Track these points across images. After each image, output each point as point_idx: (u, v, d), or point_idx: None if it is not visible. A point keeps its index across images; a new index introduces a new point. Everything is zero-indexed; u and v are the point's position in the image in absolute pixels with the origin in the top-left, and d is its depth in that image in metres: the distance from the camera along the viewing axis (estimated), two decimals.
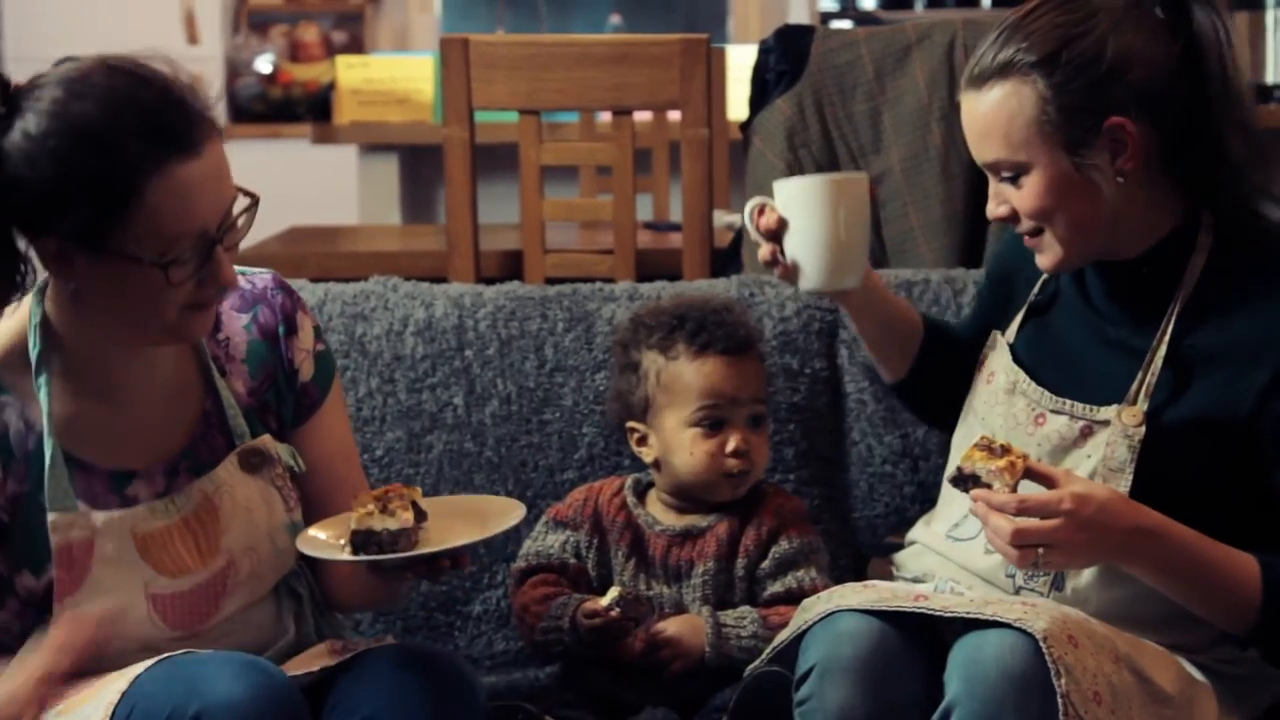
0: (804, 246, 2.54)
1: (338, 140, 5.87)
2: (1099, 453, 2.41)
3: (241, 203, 2.26)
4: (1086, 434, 2.43)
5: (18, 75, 2.24)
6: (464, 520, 2.35)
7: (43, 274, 2.29)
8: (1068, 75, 2.35)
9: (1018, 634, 2.20)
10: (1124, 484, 2.38)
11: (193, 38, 7.60)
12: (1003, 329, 2.60)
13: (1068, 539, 2.27)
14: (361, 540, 2.25)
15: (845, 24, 8.04)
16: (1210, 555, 2.34)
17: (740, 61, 5.24)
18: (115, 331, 2.28)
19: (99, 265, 2.19)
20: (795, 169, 3.76)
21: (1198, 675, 2.39)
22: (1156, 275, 2.44)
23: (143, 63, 2.21)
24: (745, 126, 3.87)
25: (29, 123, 2.16)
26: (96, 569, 2.28)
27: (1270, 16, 5.72)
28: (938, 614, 2.27)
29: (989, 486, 2.28)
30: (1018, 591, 2.45)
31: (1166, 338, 2.41)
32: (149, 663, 2.21)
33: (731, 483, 2.69)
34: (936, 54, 3.73)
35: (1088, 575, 2.41)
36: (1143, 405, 2.40)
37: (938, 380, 2.72)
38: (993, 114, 2.39)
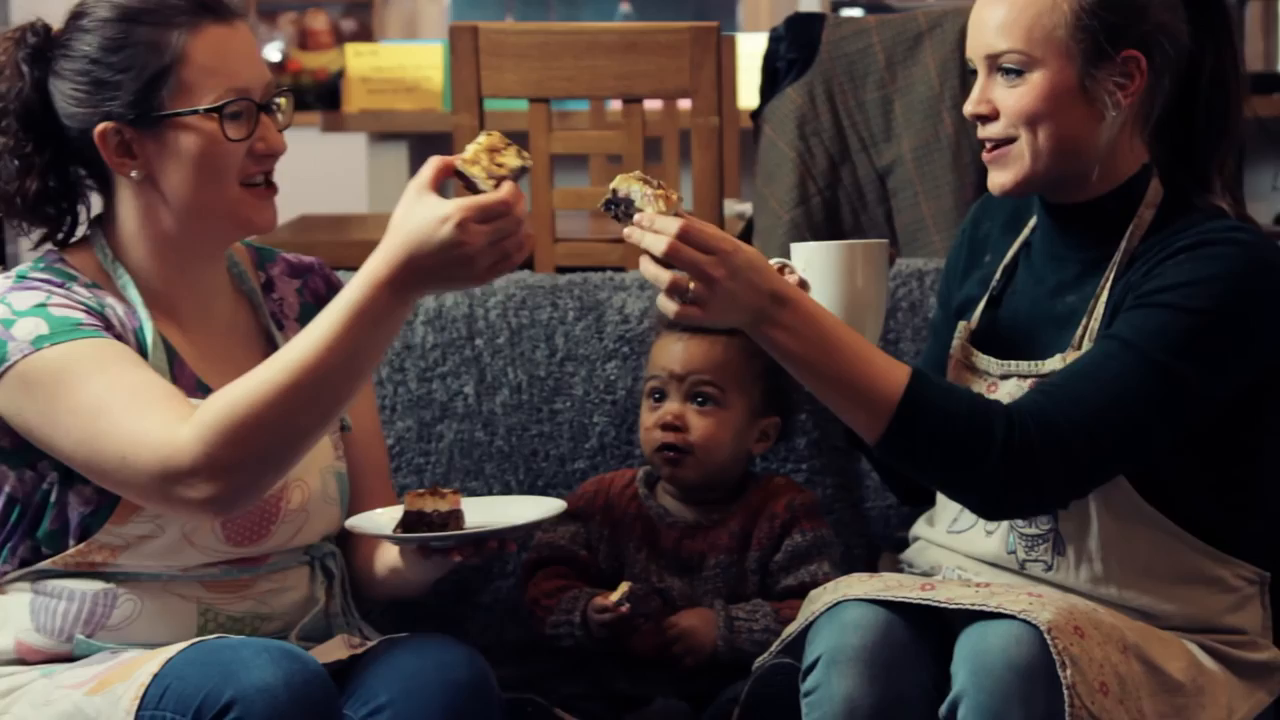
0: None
1: (347, 128, 5.88)
2: None
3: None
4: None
5: None
6: (506, 512, 2.42)
7: (96, 211, 2.47)
8: None
9: (1023, 625, 2.19)
10: None
11: None
12: (969, 320, 2.60)
13: (718, 276, 2.22)
14: (413, 521, 2.32)
15: (856, 12, 8.03)
16: (850, 342, 2.31)
17: (750, 49, 5.24)
18: (181, 223, 2.38)
19: (159, 139, 2.34)
20: (806, 158, 3.76)
21: (1209, 662, 2.38)
22: (1103, 224, 2.46)
23: None
24: (756, 115, 3.87)
25: (85, 28, 2.36)
26: None
27: None
28: (943, 605, 2.27)
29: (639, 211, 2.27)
30: (1022, 566, 2.45)
31: (1109, 286, 2.43)
32: (181, 645, 2.24)
33: (663, 458, 2.68)
34: (948, 42, 3.72)
35: (1091, 537, 2.41)
36: (1086, 349, 2.41)
37: None
38: (1024, 5, 2.39)
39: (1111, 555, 2.41)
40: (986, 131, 2.44)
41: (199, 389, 2.38)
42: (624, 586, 2.59)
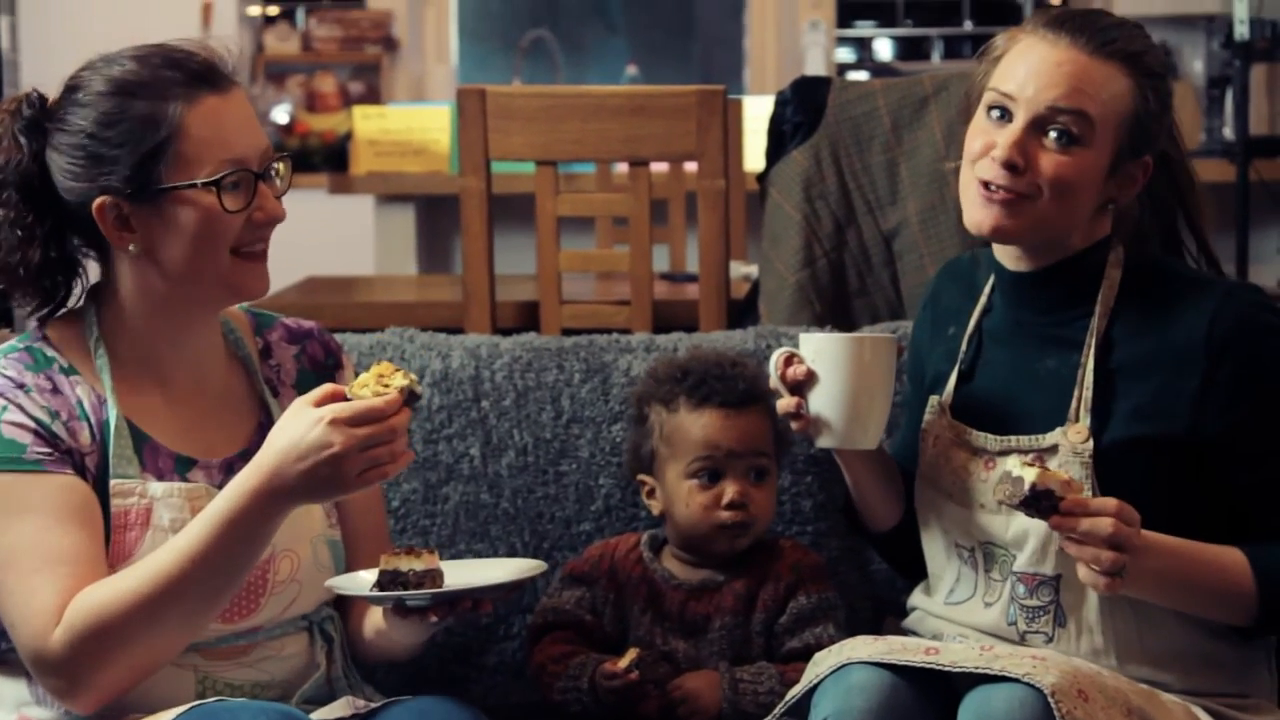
0: (831, 405, 2.49)
1: (354, 190, 5.89)
2: None
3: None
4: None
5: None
6: (485, 572, 2.40)
7: (93, 280, 2.45)
8: (1157, 103, 2.45)
9: (1027, 689, 2.19)
10: None
11: None
12: (940, 395, 2.61)
13: (1139, 546, 2.28)
14: (388, 580, 2.30)
15: (862, 75, 8.06)
16: (1201, 557, 2.37)
17: (757, 113, 5.26)
18: (175, 291, 2.37)
19: (158, 212, 2.33)
20: (812, 220, 3.76)
21: None
22: (1068, 287, 2.49)
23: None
24: (762, 178, 3.88)
25: (81, 102, 2.34)
26: (152, 538, 2.32)
27: None
28: (947, 669, 2.26)
29: (1060, 500, 2.27)
30: (1023, 638, 2.46)
31: (1093, 351, 2.45)
32: (180, 710, 2.25)
33: (728, 535, 2.68)
34: (953, 106, 3.73)
35: (1091, 609, 2.42)
36: (1085, 421, 2.42)
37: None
38: (1102, 79, 2.41)
39: (1111, 628, 2.41)
40: (1007, 181, 2.41)
41: (178, 466, 2.38)
42: (632, 653, 2.58)
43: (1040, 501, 2.27)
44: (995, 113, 2.45)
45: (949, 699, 2.27)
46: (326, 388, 2.22)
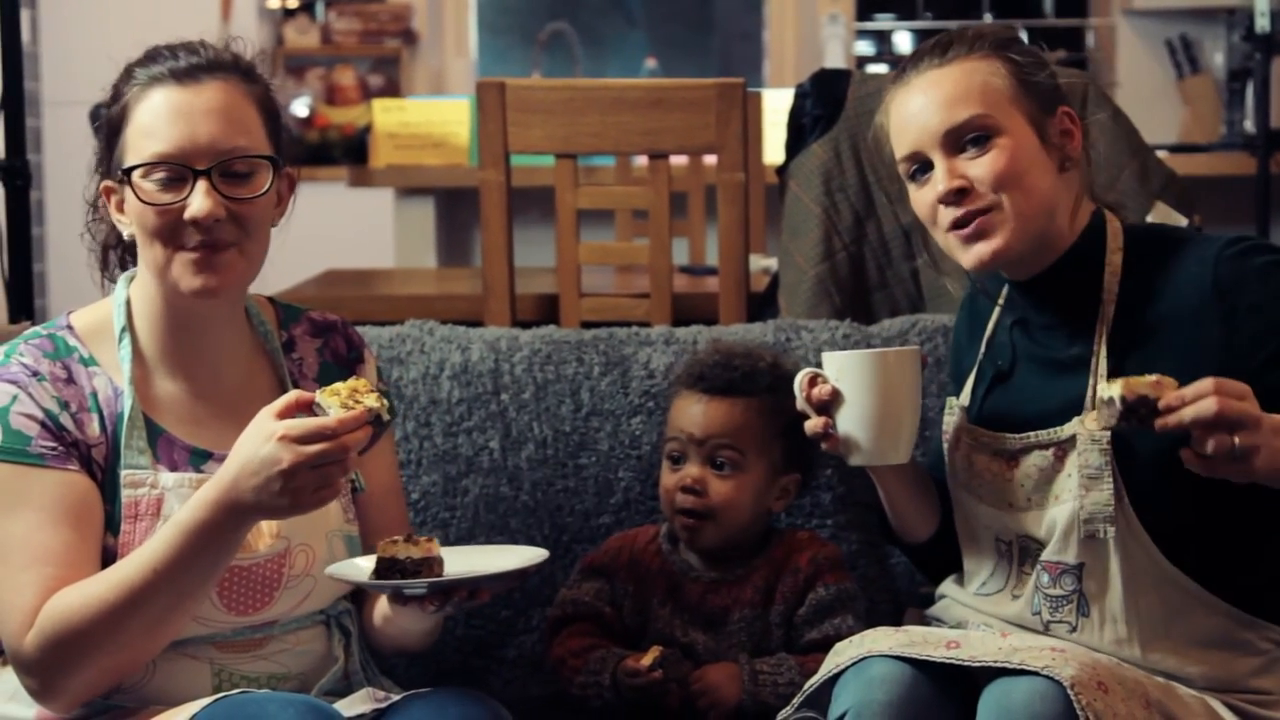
0: (859, 422, 2.47)
1: (374, 183, 5.89)
2: (1076, 465, 2.41)
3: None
4: (1061, 456, 2.44)
5: (54, 119, 2.38)
6: (486, 560, 2.39)
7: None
8: (1024, 62, 2.46)
9: (1046, 681, 2.19)
10: (1107, 489, 2.39)
11: None
12: (958, 397, 2.61)
13: (1260, 415, 2.19)
14: (385, 568, 2.29)
15: (881, 68, 8.06)
16: None
17: (776, 106, 5.26)
18: (152, 281, 2.39)
19: (122, 197, 2.37)
20: (832, 213, 3.76)
21: None
22: (1075, 281, 2.48)
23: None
24: (781, 171, 3.88)
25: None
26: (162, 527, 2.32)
27: None
28: (967, 664, 2.26)
29: (1155, 401, 2.20)
30: (1047, 628, 2.46)
31: (1105, 339, 2.44)
32: (206, 701, 2.25)
33: (682, 521, 2.68)
34: None
35: (1114, 597, 2.41)
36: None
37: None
38: (965, 78, 2.44)
39: (1135, 617, 2.41)
40: (966, 206, 2.42)
41: (193, 459, 2.39)
42: (655, 651, 2.58)
43: (1139, 409, 2.21)
44: (918, 174, 2.48)
45: (969, 691, 2.28)
46: (291, 396, 2.22)
